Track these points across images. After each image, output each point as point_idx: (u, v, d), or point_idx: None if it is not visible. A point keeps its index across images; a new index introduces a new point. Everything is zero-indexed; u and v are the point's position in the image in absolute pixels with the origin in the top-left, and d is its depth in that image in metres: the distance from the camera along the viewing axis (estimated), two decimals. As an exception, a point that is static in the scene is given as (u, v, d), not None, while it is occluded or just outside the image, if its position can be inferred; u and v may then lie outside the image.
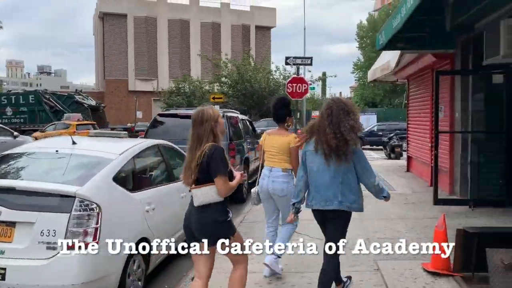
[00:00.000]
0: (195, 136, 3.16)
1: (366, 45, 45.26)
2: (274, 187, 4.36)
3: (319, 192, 3.49)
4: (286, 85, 14.53)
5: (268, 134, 4.60)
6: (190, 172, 3.15)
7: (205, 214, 3.12)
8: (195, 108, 3.60)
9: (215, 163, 3.05)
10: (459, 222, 6.39)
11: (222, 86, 30.26)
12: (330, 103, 3.54)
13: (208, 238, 3.12)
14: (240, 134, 9.56)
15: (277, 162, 4.40)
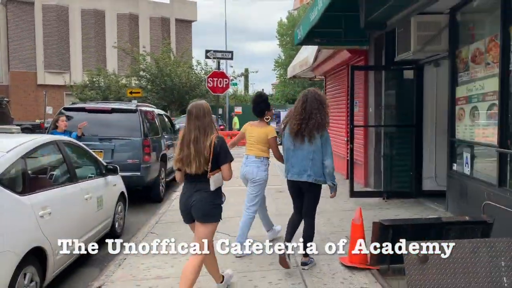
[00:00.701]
0: (200, 129, 3.47)
1: (286, 42, 46.18)
2: (246, 170, 4.90)
3: (293, 166, 4.27)
4: (207, 79, 14.24)
5: (250, 125, 5.07)
6: (201, 162, 3.43)
7: (208, 195, 3.50)
8: (106, 102, 3.28)
9: (224, 152, 3.50)
10: (373, 213, 6.55)
11: (140, 80, 29.08)
12: (306, 92, 4.29)
13: (203, 214, 3.52)
14: (156, 130, 9.07)
15: (254, 150, 4.91)
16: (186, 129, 3.52)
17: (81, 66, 41.45)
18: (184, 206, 3.61)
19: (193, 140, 3.45)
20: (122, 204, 6.39)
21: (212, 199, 3.52)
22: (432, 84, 7.33)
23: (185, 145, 3.48)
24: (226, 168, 3.52)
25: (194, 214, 3.55)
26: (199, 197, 3.49)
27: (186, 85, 27.87)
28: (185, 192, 3.61)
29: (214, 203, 3.54)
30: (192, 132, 3.47)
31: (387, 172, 7.44)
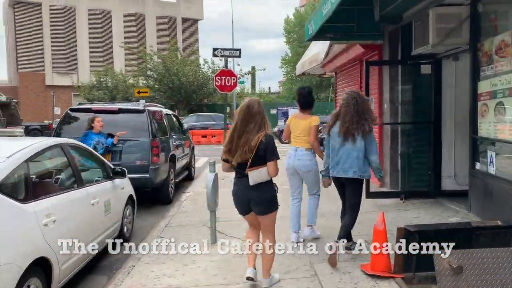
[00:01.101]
0: (251, 124, 3.68)
1: (293, 40, 45.84)
2: (299, 164, 5.07)
3: (338, 164, 4.60)
4: (214, 78, 13.95)
5: (295, 117, 5.23)
6: (246, 155, 3.65)
7: (264, 190, 3.76)
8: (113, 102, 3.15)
9: (271, 150, 3.68)
10: (392, 215, 6.28)
11: (147, 80, 28.97)
12: (354, 95, 4.61)
13: (264, 209, 3.82)
14: (165, 130, 8.86)
15: (302, 142, 5.08)
16: (239, 122, 3.72)
17: (88, 67, 41.43)
18: (240, 200, 3.89)
19: (244, 133, 3.65)
20: (131, 207, 6.19)
21: (269, 193, 3.78)
22: (451, 79, 7.03)
23: (236, 137, 3.69)
24: (272, 165, 3.69)
25: (255, 209, 3.83)
26: (258, 193, 3.74)
27: (193, 84, 27.72)
28: (239, 187, 3.85)
29: (272, 195, 3.80)
30: (244, 126, 3.67)
31: (404, 172, 7.15)
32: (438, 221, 5.79)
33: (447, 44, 6.01)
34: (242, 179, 3.80)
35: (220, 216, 6.64)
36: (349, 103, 4.54)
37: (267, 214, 3.84)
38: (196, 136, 23.79)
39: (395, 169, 7.52)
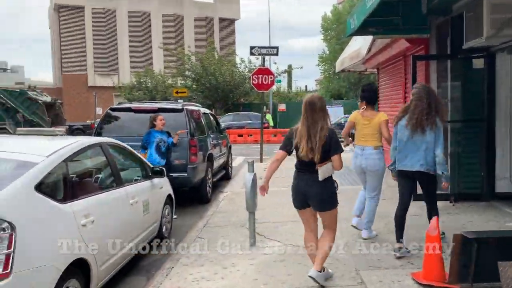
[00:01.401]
0: (323, 120, 3.76)
1: (331, 37, 45.13)
2: (367, 163, 5.04)
3: (406, 157, 4.53)
4: (251, 76, 13.85)
5: (361, 115, 5.16)
6: (321, 151, 3.70)
7: (325, 186, 3.79)
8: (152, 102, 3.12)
9: (335, 144, 3.75)
10: (442, 219, 5.86)
11: (185, 80, 29.26)
12: (427, 88, 4.63)
13: (325, 205, 3.86)
14: (202, 129, 8.79)
15: (369, 141, 5.03)
16: (310, 120, 3.75)
17: (129, 68, 42.39)
18: (299, 195, 3.91)
19: (319, 130, 3.70)
20: (169, 207, 6.12)
21: (329, 189, 3.81)
22: (506, 74, 6.55)
23: (312, 135, 3.71)
24: (337, 158, 3.74)
25: (314, 205, 3.86)
26: (318, 189, 3.77)
27: (230, 83, 27.76)
28: (298, 182, 3.89)
29: (331, 191, 3.83)
30: (317, 122, 3.72)
31: (454, 173, 6.71)
32: (495, 227, 5.38)
33: (503, 36, 5.56)
34: (304, 174, 3.84)
35: (259, 218, 6.47)
36: (421, 96, 4.50)
37: (328, 210, 3.87)
38: (233, 135, 23.76)
39: (444, 169, 7.09)
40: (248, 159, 5.99)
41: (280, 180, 10.05)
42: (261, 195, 4.08)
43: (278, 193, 8.48)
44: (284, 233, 5.69)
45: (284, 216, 6.59)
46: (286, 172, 5.56)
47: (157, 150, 7.10)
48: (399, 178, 4.70)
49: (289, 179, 4.65)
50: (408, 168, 4.55)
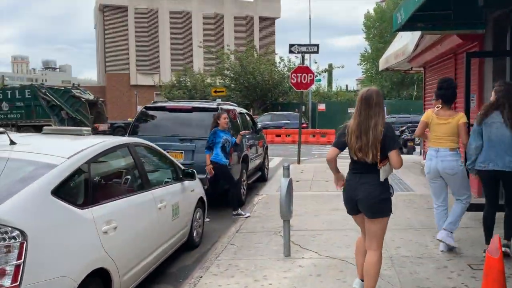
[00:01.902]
0: (379, 115, 3.38)
1: (373, 35, 44.02)
2: (444, 166, 4.59)
3: (497, 156, 4.29)
4: (290, 75, 13.47)
5: (436, 115, 4.69)
6: (377, 150, 3.33)
7: (378, 189, 3.38)
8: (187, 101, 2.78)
9: (392, 138, 3.37)
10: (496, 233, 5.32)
11: (224, 79, 29.23)
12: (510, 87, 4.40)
13: (374, 210, 3.41)
14: (238, 129, 8.50)
15: (444, 142, 4.61)
16: (363, 115, 3.40)
17: (169, 67, 42.98)
18: (350, 199, 3.52)
19: (373, 126, 3.34)
20: (201, 210, 5.87)
21: (379, 193, 3.38)
22: None
23: (363, 132, 3.37)
24: (395, 154, 3.34)
25: (362, 210, 3.47)
26: (366, 192, 3.38)
27: (268, 82, 27.45)
28: (350, 184, 3.51)
29: (382, 197, 3.39)
30: (371, 119, 3.36)
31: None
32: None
33: None
34: (356, 175, 3.47)
35: (294, 225, 6.12)
36: (510, 93, 4.31)
37: (377, 218, 3.42)
38: (270, 135, 23.45)
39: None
40: (285, 160, 5.65)
41: (320, 183, 9.68)
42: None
43: (316, 197, 8.10)
44: (322, 243, 5.29)
45: (322, 223, 6.20)
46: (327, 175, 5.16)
47: (223, 150, 6.98)
48: (485, 179, 4.47)
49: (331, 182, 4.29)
50: (499, 167, 4.29)
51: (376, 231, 3.46)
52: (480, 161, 4.42)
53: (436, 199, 4.81)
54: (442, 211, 4.80)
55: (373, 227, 3.46)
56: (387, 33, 41.30)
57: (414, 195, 8.04)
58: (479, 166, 4.44)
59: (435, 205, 4.84)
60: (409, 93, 39.63)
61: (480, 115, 4.44)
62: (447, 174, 4.62)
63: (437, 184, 4.75)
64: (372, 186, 3.37)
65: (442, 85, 4.72)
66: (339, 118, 30.07)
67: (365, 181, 3.39)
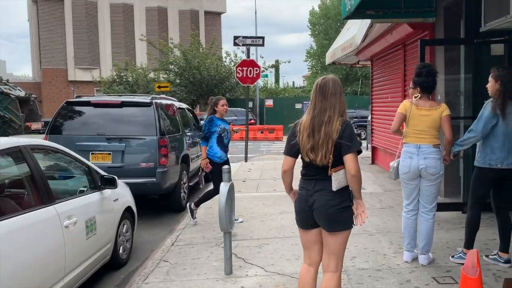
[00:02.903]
0: (334, 108, 2.81)
1: (318, 32, 44.32)
2: (427, 164, 3.99)
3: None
4: (236, 69, 12.80)
5: (415, 105, 4.04)
6: (329, 150, 2.77)
7: (338, 198, 2.82)
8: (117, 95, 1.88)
9: (349, 139, 2.77)
10: (457, 236, 4.93)
11: (168, 74, 28.03)
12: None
13: (335, 223, 2.83)
14: (177, 127, 7.70)
15: (427, 138, 4.02)
16: (317, 108, 2.82)
17: (110, 62, 40.89)
18: (303, 209, 2.90)
19: (326, 121, 2.78)
20: (129, 222, 5.03)
21: (339, 201, 2.81)
22: (529, 62, 5.59)
23: (316, 129, 2.79)
24: (351, 158, 2.73)
25: (319, 222, 2.87)
26: (323, 201, 2.80)
27: (215, 77, 26.60)
28: (304, 192, 2.89)
29: (343, 206, 2.81)
30: (326, 112, 2.79)
31: (467, 178, 5.74)
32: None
33: (534, 14, 4.57)
34: (310, 182, 2.86)
35: (239, 232, 5.46)
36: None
37: (337, 231, 2.84)
38: (218, 132, 22.71)
39: (455, 174, 6.14)
40: (233, 158, 4.94)
41: (268, 183, 9.06)
42: None
43: (264, 199, 7.45)
44: (269, 255, 4.64)
45: (270, 230, 5.56)
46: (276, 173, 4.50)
47: (219, 142, 5.92)
48: (489, 178, 3.96)
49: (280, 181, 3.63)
50: (511, 166, 3.86)
51: (336, 248, 2.88)
52: (492, 158, 3.90)
53: (409, 202, 4.19)
54: (412, 217, 4.18)
55: (332, 242, 2.87)
56: (332, 30, 41.69)
57: (365, 194, 7.57)
58: (488, 164, 3.91)
59: (406, 209, 4.21)
60: (353, 89, 40.19)
61: (497, 104, 3.85)
62: (429, 174, 4.01)
63: (413, 185, 4.12)
64: (330, 194, 2.79)
65: (421, 71, 4.10)
66: (287, 114, 29.98)
67: (322, 187, 2.81)
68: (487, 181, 3.98)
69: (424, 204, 4.14)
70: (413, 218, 4.19)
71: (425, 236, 4.13)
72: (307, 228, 2.94)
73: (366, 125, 17.36)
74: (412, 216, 4.19)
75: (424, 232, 4.13)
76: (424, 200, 4.14)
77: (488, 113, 3.87)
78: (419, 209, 4.20)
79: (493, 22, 4.90)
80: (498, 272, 3.84)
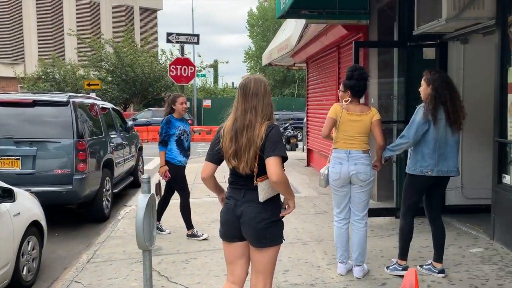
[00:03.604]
0: (257, 110, 2.52)
1: (256, 34, 44.41)
2: (358, 169, 3.81)
3: (444, 160, 3.73)
4: (169, 67, 12.26)
5: (346, 110, 3.84)
6: (251, 157, 2.47)
7: (266, 210, 2.54)
8: (31, 93, 1.38)
9: (272, 142, 2.46)
10: (390, 243, 4.80)
11: (99, 71, 26.65)
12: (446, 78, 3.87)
13: (264, 238, 2.54)
14: (100, 128, 7.06)
15: (357, 144, 3.84)
16: (239, 110, 2.56)
17: (37, 57, 38.22)
18: (229, 221, 2.62)
19: (247, 125, 2.51)
20: (36, 238, 4.40)
21: (270, 215, 2.54)
22: (458, 67, 5.65)
23: (239, 132, 2.52)
24: (272, 162, 2.43)
25: (246, 236, 2.60)
26: (252, 213, 2.53)
27: (149, 76, 25.66)
28: (231, 200, 2.62)
29: (272, 219, 2.55)
30: (246, 115, 2.53)
31: (400, 183, 5.69)
32: (458, 255, 4.36)
33: (464, 19, 4.56)
34: (237, 191, 2.59)
35: (164, 247, 5.01)
36: (451, 82, 3.82)
37: (268, 247, 2.57)
38: (152, 133, 21.86)
39: (388, 179, 6.09)
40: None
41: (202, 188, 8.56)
42: None
43: (196, 206, 6.94)
44: (196, 271, 4.23)
45: (200, 242, 5.17)
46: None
47: (179, 146, 5.22)
48: (422, 185, 3.81)
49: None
50: (444, 173, 3.76)
51: (264, 265, 2.60)
52: (423, 165, 3.72)
53: (340, 210, 3.97)
54: (344, 226, 3.95)
55: (260, 259, 2.60)
56: (270, 32, 41.93)
57: (299, 198, 7.38)
58: (419, 171, 3.74)
59: (338, 218, 3.98)
60: (290, 91, 40.68)
61: (429, 109, 3.67)
62: (360, 180, 3.81)
63: (344, 192, 3.91)
64: (260, 205, 2.51)
65: (352, 74, 3.87)
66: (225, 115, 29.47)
67: (252, 198, 2.52)
68: (419, 188, 3.83)
69: (356, 212, 3.95)
70: (345, 227, 3.98)
71: (358, 246, 3.92)
72: (232, 240, 2.64)
73: (302, 126, 17.46)
74: (344, 225, 3.98)
75: (357, 242, 3.93)
76: (355, 208, 3.95)
77: (420, 118, 3.71)
78: (350, 217, 4.02)
79: (426, 26, 4.86)
80: (433, 284, 3.72)
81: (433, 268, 3.88)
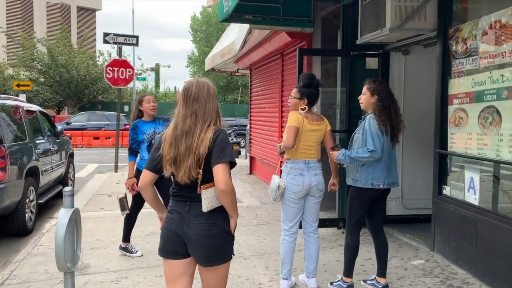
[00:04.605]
0: (197, 115, 2.32)
1: (200, 39, 43.95)
2: (318, 180, 3.76)
3: (391, 172, 3.68)
4: (105, 69, 11.58)
5: (307, 120, 3.69)
6: (193, 165, 2.28)
7: (213, 224, 2.31)
8: None
9: (220, 148, 2.27)
10: (333, 256, 4.69)
11: (30, 71, 25.01)
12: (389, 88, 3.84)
13: (212, 256, 2.33)
14: (24, 133, 6.43)
15: (314, 153, 3.80)
16: (181, 114, 2.37)
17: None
18: (172, 237, 2.36)
19: (186, 131, 2.32)
20: None
21: (220, 231, 2.34)
22: (399, 77, 5.70)
23: (179, 138, 2.33)
24: (219, 169, 2.25)
25: (193, 255, 2.36)
26: (200, 229, 2.31)
27: (85, 78, 24.42)
28: (174, 215, 2.38)
29: (223, 235, 2.35)
30: (186, 120, 2.34)
31: (343, 194, 5.63)
32: (401, 267, 4.30)
33: (407, 29, 4.57)
34: (185, 204, 2.36)
35: (93, 264, 4.56)
36: (393, 94, 3.72)
37: (215, 265, 2.35)
38: (87, 137, 20.83)
39: (331, 189, 6.01)
40: (102, 167, 4.02)
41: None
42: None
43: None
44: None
45: (133, 258, 4.75)
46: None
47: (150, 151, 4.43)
48: (370, 198, 3.67)
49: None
50: (390, 186, 3.70)
51: (217, 285, 2.40)
52: (374, 178, 3.58)
53: (293, 224, 3.78)
54: (294, 241, 3.79)
55: (210, 278, 2.38)
56: (213, 38, 41.63)
57: (242, 208, 7.13)
58: (370, 184, 3.58)
59: (289, 233, 3.78)
60: (234, 98, 40.57)
61: (381, 121, 3.55)
62: (318, 190, 3.74)
63: (301, 205, 3.76)
64: (208, 222, 2.30)
65: (310, 82, 3.71)
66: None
67: (198, 212, 2.31)
68: (367, 202, 3.70)
69: (310, 223, 3.84)
70: (295, 242, 3.82)
71: (315, 258, 3.85)
72: (175, 257, 2.39)
73: (245, 133, 17.30)
74: (294, 240, 3.82)
75: (314, 254, 3.84)
76: (310, 219, 3.84)
77: (376, 130, 3.57)
78: (300, 230, 3.86)
79: (369, 35, 4.83)
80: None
81: (377, 283, 3.78)
